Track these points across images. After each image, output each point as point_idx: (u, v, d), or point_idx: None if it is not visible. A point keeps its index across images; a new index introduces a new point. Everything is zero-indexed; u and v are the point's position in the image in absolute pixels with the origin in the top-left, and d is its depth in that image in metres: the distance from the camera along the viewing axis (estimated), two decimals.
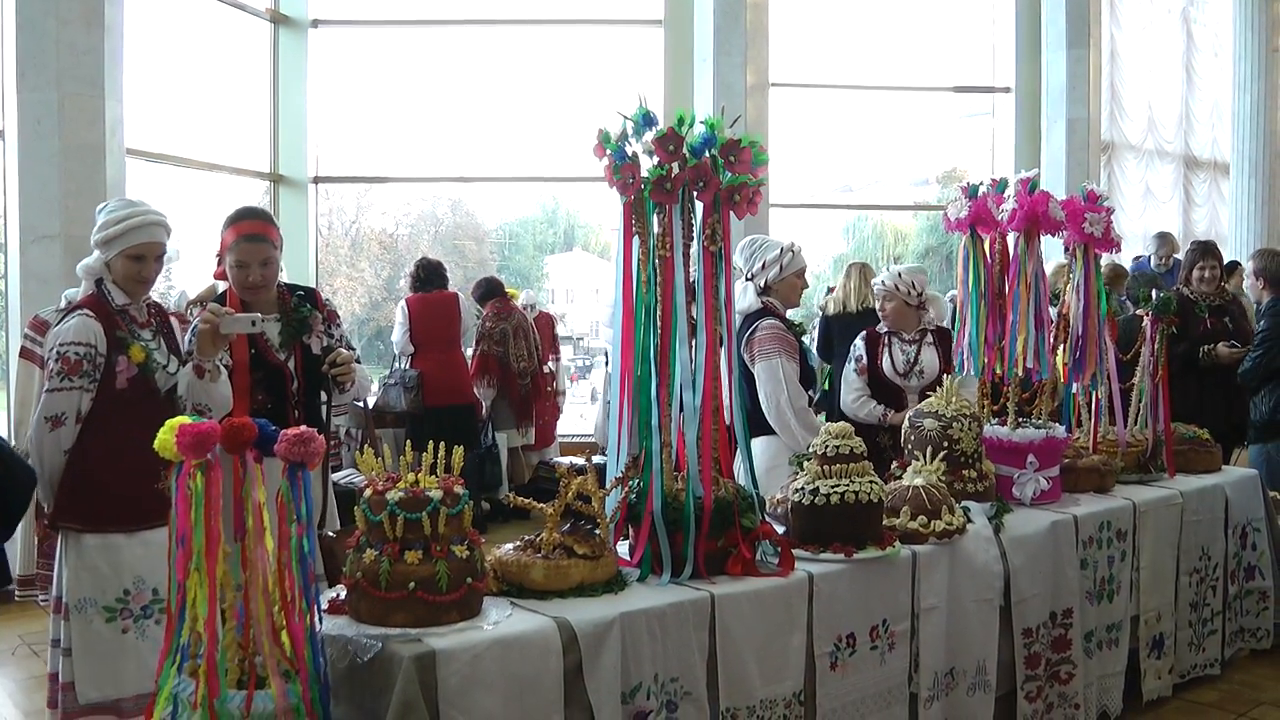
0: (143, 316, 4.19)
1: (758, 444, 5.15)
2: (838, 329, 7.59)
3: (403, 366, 8.83)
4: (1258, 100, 13.57)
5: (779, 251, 5.33)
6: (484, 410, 9.14)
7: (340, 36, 11.56)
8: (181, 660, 2.77)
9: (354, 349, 4.46)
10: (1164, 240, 10.70)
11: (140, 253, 4.09)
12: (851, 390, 5.77)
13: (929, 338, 5.77)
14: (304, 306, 4.23)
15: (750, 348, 5.17)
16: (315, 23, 11.15)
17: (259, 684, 2.75)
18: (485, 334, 9.27)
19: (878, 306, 5.82)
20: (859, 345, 5.76)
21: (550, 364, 10.05)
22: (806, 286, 5.58)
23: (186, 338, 4.08)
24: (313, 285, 8.44)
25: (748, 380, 5.09)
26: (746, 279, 5.33)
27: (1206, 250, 7.51)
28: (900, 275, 5.70)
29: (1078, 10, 11.80)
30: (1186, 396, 6.39)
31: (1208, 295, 7.26)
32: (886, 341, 5.75)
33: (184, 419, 2.83)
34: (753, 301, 5.29)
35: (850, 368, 5.71)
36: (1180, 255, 8.76)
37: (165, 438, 2.78)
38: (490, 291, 9.56)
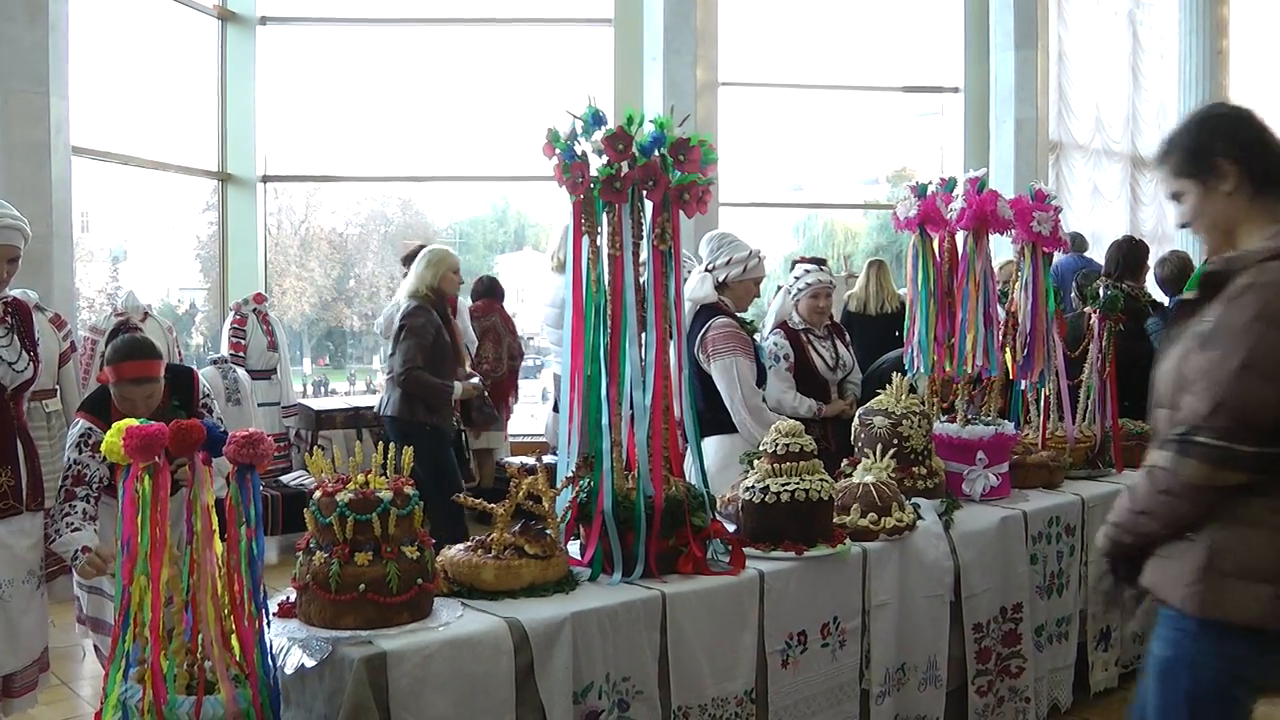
0: None
1: (710, 443, 5.13)
2: (857, 329, 7.60)
3: None
4: (1203, 101, 13.70)
5: (747, 254, 5.23)
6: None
7: (289, 34, 11.46)
8: (128, 666, 2.75)
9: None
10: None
11: None
12: (783, 388, 5.76)
13: (833, 332, 5.96)
14: (180, 415, 4.23)
15: (705, 346, 5.10)
16: (263, 20, 11.05)
17: (208, 689, 2.74)
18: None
19: (800, 307, 5.80)
20: (783, 344, 5.70)
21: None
22: (758, 295, 5.56)
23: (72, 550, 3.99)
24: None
25: (700, 378, 5.06)
26: (706, 270, 5.27)
27: (1144, 245, 7.47)
28: (822, 270, 5.78)
29: (1025, 11, 11.90)
30: (1139, 393, 6.37)
31: (1144, 293, 7.22)
32: (806, 338, 5.77)
33: (131, 421, 2.80)
34: (710, 293, 5.21)
35: (779, 365, 5.64)
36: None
37: (113, 440, 2.75)
38: (485, 290, 9.52)
